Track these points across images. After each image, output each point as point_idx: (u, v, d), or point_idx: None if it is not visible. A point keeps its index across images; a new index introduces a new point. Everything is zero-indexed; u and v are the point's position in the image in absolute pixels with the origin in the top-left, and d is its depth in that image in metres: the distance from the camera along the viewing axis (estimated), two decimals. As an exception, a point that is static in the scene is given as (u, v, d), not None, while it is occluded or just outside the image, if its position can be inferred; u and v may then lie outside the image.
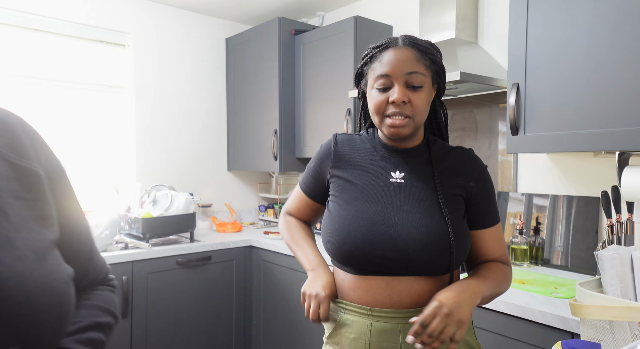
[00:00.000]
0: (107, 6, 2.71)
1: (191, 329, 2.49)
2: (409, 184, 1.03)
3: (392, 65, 0.98)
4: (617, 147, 1.41)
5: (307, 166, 1.18)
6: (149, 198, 2.62)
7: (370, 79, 1.03)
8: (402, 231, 0.97)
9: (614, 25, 1.40)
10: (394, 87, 0.98)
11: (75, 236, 0.68)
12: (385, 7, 2.67)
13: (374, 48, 1.04)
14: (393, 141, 1.07)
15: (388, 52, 1.00)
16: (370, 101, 1.03)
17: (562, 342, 0.82)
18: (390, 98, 0.98)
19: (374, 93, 1.01)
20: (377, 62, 1.01)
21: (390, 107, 0.99)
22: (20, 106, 2.46)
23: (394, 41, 1.02)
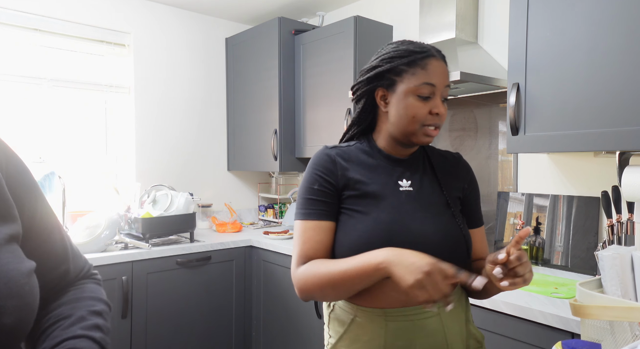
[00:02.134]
0: (107, 6, 2.71)
1: (191, 330, 2.49)
2: (418, 192, 1.05)
3: (438, 77, 0.99)
4: (617, 147, 1.41)
5: (304, 194, 1.04)
6: (149, 198, 2.62)
7: (410, 84, 0.99)
8: (420, 237, 0.98)
9: (614, 25, 1.40)
10: (435, 98, 0.99)
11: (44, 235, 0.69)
12: (385, 7, 2.67)
13: (413, 52, 1.00)
14: (398, 150, 1.08)
15: (431, 61, 0.99)
16: (406, 108, 1.00)
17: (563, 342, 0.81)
18: (435, 109, 0.99)
19: (413, 100, 0.99)
20: (419, 68, 0.99)
21: (429, 117, 1.00)
22: (20, 106, 2.46)
23: (431, 50, 1.01)
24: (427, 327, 0.98)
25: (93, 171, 2.71)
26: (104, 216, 2.29)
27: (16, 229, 0.62)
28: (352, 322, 1.01)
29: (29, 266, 0.60)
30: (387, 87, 1.03)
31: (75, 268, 0.76)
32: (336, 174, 1.03)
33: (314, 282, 0.95)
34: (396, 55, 1.01)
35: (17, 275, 0.57)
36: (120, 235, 2.40)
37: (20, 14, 2.43)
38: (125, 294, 2.23)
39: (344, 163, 1.05)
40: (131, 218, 2.46)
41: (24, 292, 0.57)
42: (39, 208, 0.69)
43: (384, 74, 1.03)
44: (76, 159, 2.64)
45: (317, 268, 0.95)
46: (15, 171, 0.66)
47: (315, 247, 1.00)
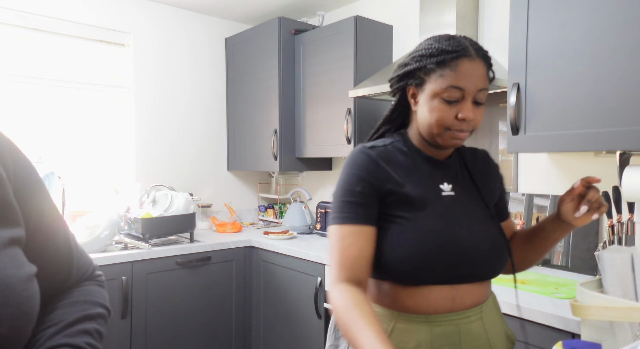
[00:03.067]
0: (107, 6, 2.71)
1: (191, 330, 2.48)
2: (459, 196, 1.02)
3: (469, 80, 0.92)
4: (617, 147, 1.40)
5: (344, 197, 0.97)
6: (149, 198, 2.62)
7: (436, 85, 0.93)
8: (469, 246, 0.96)
9: (615, 25, 1.40)
10: (465, 102, 0.93)
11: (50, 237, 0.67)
12: (385, 7, 2.67)
13: (444, 52, 0.93)
14: (434, 151, 1.03)
15: (463, 63, 0.92)
16: (431, 111, 0.94)
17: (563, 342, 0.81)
18: (461, 114, 0.93)
19: (439, 104, 0.93)
20: (449, 69, 0.92)
21: (456, 123, 0.94)
22: (20, 106, 2.45)
23: (467, 49, 0.93)
24: (471, 331, 0.96)
25: (93, 171, 2.71)
26: (103, 216, 2.29)
27: (18, 233, 0.60)
28: (393, 329, 0.97)
29: (29, 271, 0.58)
30: (417, 86, 0.98)
31: (78, 270, 0.74)
32: (379, 177, 0.97)
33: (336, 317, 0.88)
34: (427, 53, 0.95)
35: (14, 281, 0.55)
36: (120, 235, 2.40)
37: (20, 14, 2.43)
38: (125, 295, 2.23)
39: (385, 165, 0.98)
40: (131, 218, 2.46)
41: (21, 299, 0.55)
42: (46, 210, 0.68)
43: (414, 72, 0.98)
44: (76, 159, 2.64)
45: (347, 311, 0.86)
46: (23, 172, 0.65)
47: (357, 256, 0.93)
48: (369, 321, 0.83)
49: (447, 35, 0.97)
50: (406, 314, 0.96)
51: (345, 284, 0.90)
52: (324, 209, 2.76)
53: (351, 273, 0.92)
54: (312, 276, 2.28)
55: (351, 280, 0.91)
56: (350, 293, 0.88)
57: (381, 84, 2.11)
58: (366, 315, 0.84)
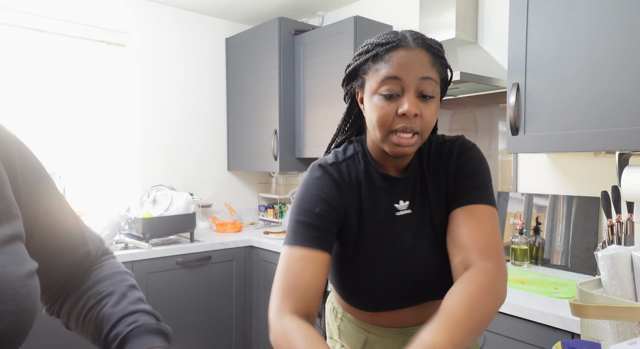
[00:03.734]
0: (107, 6, 2.71)
1: (191, 329, 2.49)
2: (417, 212, 0.92)
3: (404, 68, 0.81)
4: (617, 147, 1.41)
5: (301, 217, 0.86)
6: (149, 198, 2.62)
7: (373, 81, 0.84)
8: (425, 270, 0.91)
9: (614, 25, 1.40)
10: (404, 95, 0.82)
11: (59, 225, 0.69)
12: (385, 7, 2.67)
13: (378, 45, 0.85)
14: (391, 161, 0.92)
15: (398, 52, 0.82)
16: (372, 110, 0.85)
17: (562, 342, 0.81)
18: (400, 109, 0.81)
19: (378, 100, 0.83)
20: (382, 62, 0.83)
21: (398, 120, 0.82)
22: (20, 106, 2.45)
23: (403, 39, 0.84)
24: None
25: (93, 171, 2.71)
26: (104, 216, 2.29)
27: (18, 228, 0.60)
28: (367, 340, 0.97)
29: (29, 267, 0.59)
30: (360, 88, 0.89)
31: (95, 247, 0.77)
32: (339, 201, 0.88)
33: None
34: (363, 50, 0.87)
35: (13, 278, 0.55)
36: (121, 235, 2.40)
37: (20, 14, 2.43)
38: (126, 294, 2.23)
39: (347, 187, 0.91)
40: (131, 218, 2.46)
41: (20, 295, 0.55)
42: (54, 202, 0.69)
43: (355, 73, 0.89)
44: (76, 159, 2.64)
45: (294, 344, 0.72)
46: (30, 167, 0.66)
47: (308, 285, 0.80)
48: None
49: (388, 30, 0.89)
50: (378, 327, 0.96)
51: (293, 317, 0.77)
52: (324, 209, 2.76)
53: (299, 304, 0.79)
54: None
55: (299, 312, 0.78)
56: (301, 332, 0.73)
57: (381, 84, 2.12)
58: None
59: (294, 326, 0.75)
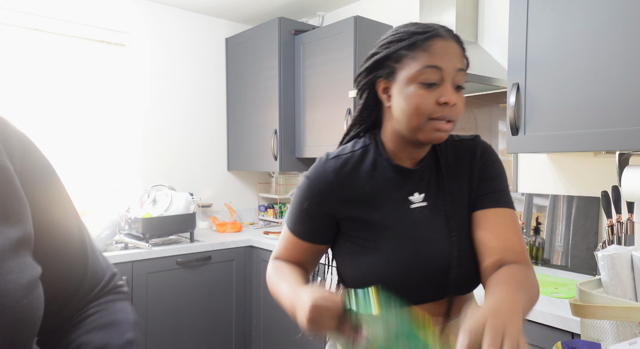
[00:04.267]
0: (107, 6, 2.71)
1: (191, 330, 2.49)
2: (433, 204, 0.92)
3: (444, 58, 0.82)
4: (617, 147, 1.41)
5: (295, 206, 0.95)
6: (149, 198, 2.62)
7: (410, 69, 0.83)
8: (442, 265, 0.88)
9: (614, 25, 1.40)
10: (444, 85, 0.83)
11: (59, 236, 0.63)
12: (385, 7, 2.67)
13: (414, 33, 0.84)
14: (408, 153, 0.92)
15: (437, 42, 0.83)
16: (408, 98, 0.84)
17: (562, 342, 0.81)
18: (443, 98, 0.82)
19: (416, 89, 0.83)
20: (420, 50, 0.83)
21: (437, 109, 0.83)
22: (20, 106, 2.45)
23: (438, 30, 0.85)
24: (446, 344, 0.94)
25: (93, 171, 2.71)
26: (104, 216, 2.29)
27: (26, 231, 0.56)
28: None
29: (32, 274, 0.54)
30: (388, 77, 0.88)
31: (94, 274, 0.68)
32: (331, 199, 0.91)
33: (269, 284, 0.98)
34: (395, 38, 0.87)
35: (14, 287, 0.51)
36: (120, 235, 2.40)
37: (20, 14, 2.43)
38: (125, 294, 2.23)
39: (345, 181, 0.91)
40: (131, 218, 2.46)
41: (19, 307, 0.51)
42: (57, 205, 0.64)
43: (382, 62, 0.88)
44: (76, 159, 2.64)
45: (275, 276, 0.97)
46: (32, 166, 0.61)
47: (290, 255, 1.01)
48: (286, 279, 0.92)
49: (412, 22, 0.90)
50: None
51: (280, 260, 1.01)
52: (324, 209, 2.76)
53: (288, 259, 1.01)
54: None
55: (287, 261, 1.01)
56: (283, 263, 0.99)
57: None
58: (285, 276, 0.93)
59: (283, 263, 0.99)
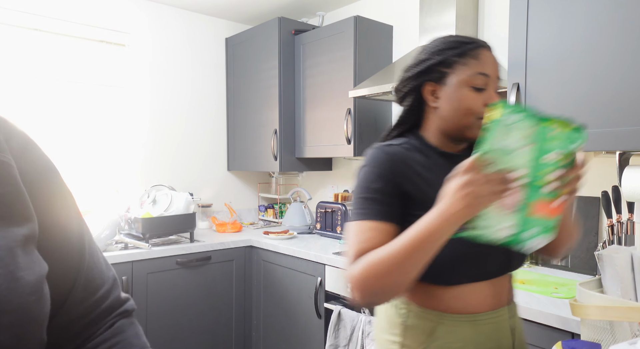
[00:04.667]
0: (107, 6, 2.71)
1: (191, 330, 2.49)
2: None
3: (491, 67, 0.96)
4: (617, 147, 1.41)
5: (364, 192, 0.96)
6: (149, 198, 2.62)
7: (463, 74, 0.95)
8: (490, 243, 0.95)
9: (614, 25, 1.40)
10: (489, 90, 0.96)
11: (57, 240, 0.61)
12: (385, 7, 2.67)
13: (464, 43, 0.97)
14: (449, 146, 1.03)
15: (483, 52, 0.96)
16: (460, 100, 0.96)
17: (563, 342, 0.81)
18: (490, 101, 0.95)
19: (468, 92, 0.95)
20: (471, 58, 0.95)
21: (484, 110, 0.95)
22: (20, 106, 2.45)
23: (481, 42, 0.98)
24: (507, 327, 1.00)
25: (93, 170, 2.71)
26: (104, 216, 2.29)
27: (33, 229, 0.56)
28: (437, 329, 0.97)
29: (39, 272, 0.54)
30: (437, 81, 0.98)
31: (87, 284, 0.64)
32: (397, 175, 0.96)
33: (377, 268, 0.84)
34: (446, 47, 0.98)
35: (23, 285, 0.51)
36: (120, 235, 2.40)
37: (20, 14, 2.43)
38: (125, 294, 2.23)
39: (402, 165, 0.97)
40: (131, 218, 2.46)
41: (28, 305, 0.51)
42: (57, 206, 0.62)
43: (433, 68, 0.98)
44: (76, 159, 2.64)
45: (375, 253, 0.85)
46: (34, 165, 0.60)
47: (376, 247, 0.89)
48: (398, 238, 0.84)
49: (454, 34, 1.01)
50: (450, 314, 0.96)
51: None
52: (324, 209, 2.76)
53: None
54: (312, 276, 2.28)
55: None
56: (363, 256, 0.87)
57: (381, 84, 2.12)
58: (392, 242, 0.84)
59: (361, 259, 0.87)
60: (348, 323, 1.99)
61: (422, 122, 1.05)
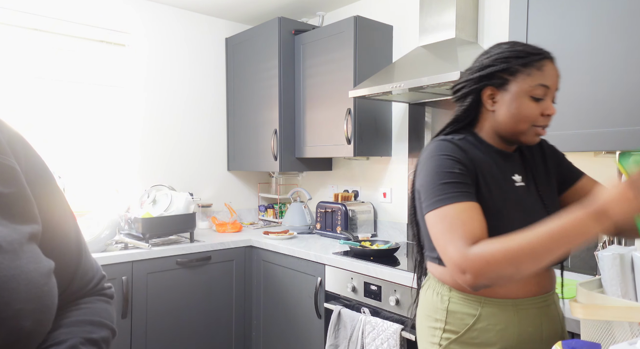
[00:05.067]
0: (107, 6, 2.71)
1: (191, 330, 2.49)
2: (528, 186, 1.08)
3: (553, 79, 1.01)
4: (617, 147, 1.41)
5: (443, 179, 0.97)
6: (149, 198, 2.62)
7: (524, 84, 1.00)
8: None
9: (614, 25, 1.40)
10: (547, 100, 1.02)
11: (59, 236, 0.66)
12: (385, 7, 2.67)
13: (530, 53, 1.01)
14: (502, 146, 1.09)
15: (548, 64, 1.01)
16: (518, 108, 1.01)
17: (562, 342, 0.81)
18: (547, 111, 1.01)
19: (527, 101, 1.01)
20: (535, 69, 1.00)
21: (541, 119, 1.02)
22: (20, 106, 2.45)
23: (547, 54, 1.02)
24: (549, 313, 1.06)
25: (93, 170, 2.71)
26: (104, 216, 2.29)
27: (36, 228, 0.60)
28: (481, 313, 1.02)
29: (48, 265, 0.59)
30: (498, 87, 1.03)
31: (83, 275, 0.71)
32: (471, 162, 1.01)
33: (505, 255, 0.85)
34: (512, 55, 1.02)
35: (36, 276, 0.55)
36: (120, 235, 2.40)
37: (21, 14, 2.43)
38: (125, 294, 2.23)
39: (469, 154, 1.03)
40: (131, 218, 2.46)
41: (43, 293, 0.56)
42: (57, 206, 0.67)
43: (495, 73, 1.03)
44: (76, 158, 2.64)
45: (506, 241, 0.86)
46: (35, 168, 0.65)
47: (482, 227, 0.92)
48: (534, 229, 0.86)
49: (520, 42, 1.05)
50: (494, 299, 1.02)
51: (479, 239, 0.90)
52: (324, 209, 2.76)
53: (483, 237, 0.91)
54: (312, 276, 2.28)
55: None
56: (488, 241, 0.88)
57: (381, 84, 2.12)
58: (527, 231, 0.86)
59: (486, 243, 0.88)
60: (348, 323, 1.99)
61: (478, 122, 1.11)
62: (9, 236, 0.55)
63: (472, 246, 0.88)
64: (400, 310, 1.85)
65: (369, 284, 1.99)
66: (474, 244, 0.89)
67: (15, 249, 0.55)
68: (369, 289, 1.99)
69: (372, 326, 1.88)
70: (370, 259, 2.07)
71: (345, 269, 2.08)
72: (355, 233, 2.63)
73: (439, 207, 0.95)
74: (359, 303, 2.04)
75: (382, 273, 1.92)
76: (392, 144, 2.66)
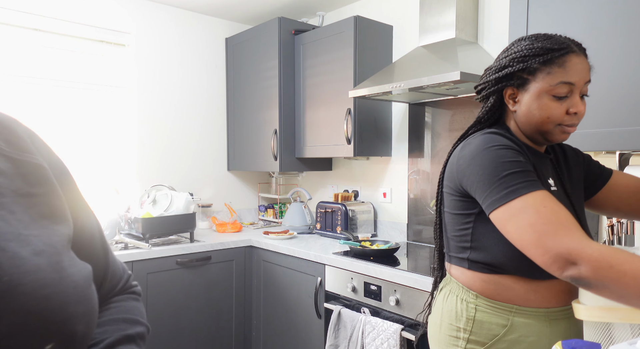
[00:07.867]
0: (107, 6, 2.71)
1: (191, 330, 2.48)
2: (560, 190, 1.05)
3: (578, 75, 0.93)
4: (617, 147, 1.40)
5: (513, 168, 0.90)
6: (149, 198, 2.62)
7: (544, 84, 0.94)
8: None
9: (614, 25, 1.40)
10: (573, 96, 0.94)
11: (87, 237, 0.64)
12: (385, 7, 2.67)
13: (550, 50, 0.94)
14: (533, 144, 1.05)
15: (571, 58, 0.93)
16: (540, 108, 0.95)
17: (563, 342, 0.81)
18: (573, 109, 0.94)
19: (549, 101, 0.94)
20: (555, 66, 0.93)
21: (567, 118, 0.95)
22: (20, 106, 2.45)
23: (571, 46, 0.94)
24: (578, 323, 1.01)
25: (93, 171, 2.71)
26: (104, 216, 2.29)
27: (70, 229, 0.58)
28: (512, 322, 0.97)
29: (88, 268, 0.57)
30: (518, 87, 0.99)
31: (113, 276, 0.69)
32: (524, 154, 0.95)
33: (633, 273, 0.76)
34: (530, 53, 0.95)
35: (80, 279, 0.53)
36: (120, 235, 2.40)
37: (20, 14, 2.43)
38: (125, 294, 2.23)
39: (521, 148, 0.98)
40: (131, 218, 2.46)
41: (89, 296, 0.54)
42: (81, 207, 0.65)
43: (515, 74, 0.98)
44: (76, 159, 2.64)
45: (632, 256, 0.77)
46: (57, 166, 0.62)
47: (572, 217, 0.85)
48: None
49: (542, 35, 0.97)
50: (526, 308, 0.97)
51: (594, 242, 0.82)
52: (324, 209, 2.76)
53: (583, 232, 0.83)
54: (312, 276, 2.28)
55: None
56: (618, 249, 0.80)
57: (381, 84, 2.12)
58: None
59: (609, 248, 0.79)
60: (348, 323, 1.99)
61: (504, 121, 1.07)
62: (50, 237, 0.53)
63: (592, 241, 0.80)
64: (400, 310, 1.85)
65: (369, 284, 1.99)
66: (586, 237, 0.81)
67: (59, 251, 0.53)
68: (369, 289, 1.99)
69: (372, 326, 1.88)
70: (370, 259, 2.07)
71: (345, 269, 2.08)
72: (355, 233, 2.63)
73: (513, 198, 0.86)
74: (359, 303, 2.04)
75: (382, 273, 1.92)
76: (392, 144, 2.66)
